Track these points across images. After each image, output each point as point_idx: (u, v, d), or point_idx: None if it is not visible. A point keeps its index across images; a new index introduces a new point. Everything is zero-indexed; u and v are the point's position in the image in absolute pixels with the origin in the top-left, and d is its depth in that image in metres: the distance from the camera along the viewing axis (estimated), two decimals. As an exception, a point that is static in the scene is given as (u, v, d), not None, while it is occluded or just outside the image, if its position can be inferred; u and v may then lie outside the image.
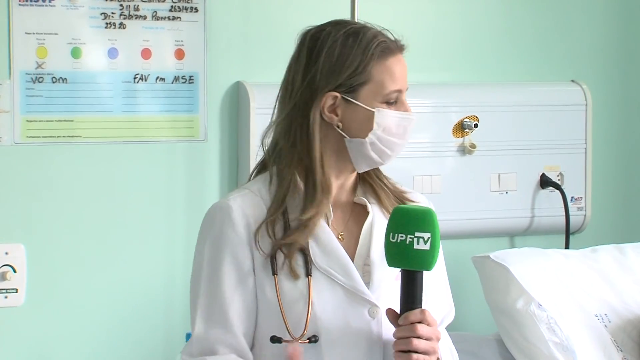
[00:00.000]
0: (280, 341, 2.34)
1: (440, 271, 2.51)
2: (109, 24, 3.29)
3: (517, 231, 3.73)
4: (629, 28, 3.92)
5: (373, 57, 2.38)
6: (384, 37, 2.42)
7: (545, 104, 3.74)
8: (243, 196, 2.42)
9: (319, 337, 2.35)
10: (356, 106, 2.38)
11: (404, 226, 2.30)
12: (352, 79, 2.38)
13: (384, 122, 2.38)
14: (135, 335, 3.32)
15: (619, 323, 3.18)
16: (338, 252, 2.38)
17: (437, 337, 2.32)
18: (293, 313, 2.36)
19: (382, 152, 2.39)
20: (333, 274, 2.37)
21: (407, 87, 2.42)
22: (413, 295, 2.30)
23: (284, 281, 2.37)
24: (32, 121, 3.23)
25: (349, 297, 2.37)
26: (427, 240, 2.28)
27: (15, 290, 3.21)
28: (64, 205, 3.27)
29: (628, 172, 3.93)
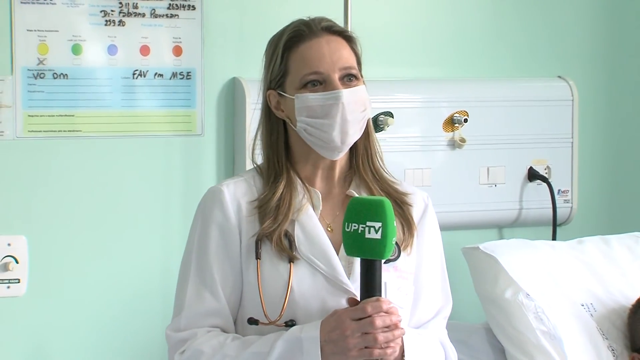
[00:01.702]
0: (257, 323, 2.36)
1: (435, 264, 2.52)
2: (109, 21, 3.29)
3: (506, 223, 3.74)
4: (615, 25, 3.92)
5: (285, 49, 2.43)
6: (299, 26, 2.43)
7: (533, 99, 3.74)
8: (236, 183, 2.46)
9: (296, 322, 2.36)
10: (286, 98, 2.42)
11: (357, 216, 2.31)
12: (275, 74, 2.45)
13: (305, 105, 2.40)
14: (134, 325, 3.33)
15: (604, 312, 3.17)
16: (322, 241, 2.40)
17: (396, 323, 2.31)
18: (272, 297, 2.37)
19: (319, 136, 2.40)
20: (315, 262, 2.39)
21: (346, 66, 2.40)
22: (371, 284, 2.31)
23: (267, 266, 2.39)
24: (33, 116, 3.24)
25: (329, 285, 2.38)
26: (377, 230, 2.28)
27: (17, 280, 3.21)
28: (64, 197, 3.28)
29: (613, 165, 3.93)
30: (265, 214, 2.39)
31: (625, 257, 3.34)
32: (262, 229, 2.38)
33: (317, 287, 2.36)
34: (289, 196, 2.39)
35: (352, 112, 2.36)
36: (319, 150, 2.39)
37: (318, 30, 2.39)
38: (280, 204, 2.38)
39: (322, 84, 2.37)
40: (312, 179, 2.44)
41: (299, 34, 2.39)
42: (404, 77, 3.58)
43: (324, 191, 2.44)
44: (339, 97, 2.36)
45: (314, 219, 2.40)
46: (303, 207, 2.40)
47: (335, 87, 2.36)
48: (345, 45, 2.41)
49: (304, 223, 2.39)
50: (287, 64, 2.40)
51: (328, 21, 2.42)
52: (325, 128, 2.35)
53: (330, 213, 2.43)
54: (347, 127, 2.36)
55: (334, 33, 2.40)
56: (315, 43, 2.38)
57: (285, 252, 2.36)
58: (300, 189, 2.41)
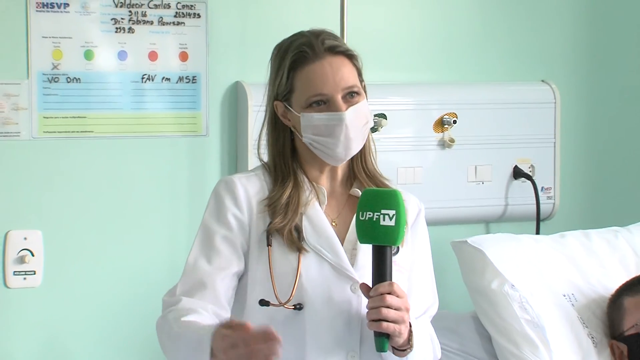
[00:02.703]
0: (268, 304, 2.38)
1: (426, 266, 2.55)
2: (119, 28, 3.29)
3: (492, 218, 3.75)
4: (595, 33, 3.92)
5: (290, 69, 2.42)
6: (301, 47, 2.41)
7: (518, 102, 3.74)
8: (248, 177, 2.48)
9: (303, 306, 2.39)
10: (293, 112, 2.43)
11: (372, 205, 2.33)
12: (281, 89, 2.44)
13: (311, 124, 2.40)
14: (141, 314, 3.31)
15: (585, 302, 3.17)
16: (328, 233, 2.43)
17: (407, 307, 2.33)
18: (282, 282, 2.39)
19: (324, 151, 2.42)
20: (322, 252, 2.42)
21: (349, 86, 2.40)
22: (383, 269, 2.32)
23: (277, 254, 2.41)
24: (48, 117, 3.23)
25: (335, 273, 2.41)
26: (392, 217, 2.31)
27: (33, 272, 3.21)
28: (77, 194, 3.27)
29: (593, 164, 3.93)
30: (275, 211, 2.41)
31: (604, 250, 3.33)
32: (273, 224, 2.40)
33: (324, 274, 2.40)
34: (297, 195, 2.42)
35: (354, 129, 2.39)
36: (323, 158, 2.42)
37: (321, 52, 2.39)
38: (290, 201, 2.41)
39: (326, 103, 2.38)
40: (317, 178, 2.47)
41: (304, 56, 2.39)
42: (396, 81, 3.59)
43: (329, 189, 2.47)
44: (342, 119, 2.38)
45: (320, 212, 2.43)
46: (310, 202, 2.43)
47: (338, 108, 2.37)
48: (347, 62, 2.42)
49: (311, 216, 2.42)
50: (292, 82, 2.41)
51: (330, 39, 2.42)
52: (330, 145, 2.39)
53: (335, 209, 2.47)
54: (350, 144, 2.40)
55: (336, 53, 2.41)
56: (318, 66, 2.39)
57: (295, 244, 2.39)
58: (307, 187, 2.44)
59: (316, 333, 2.39)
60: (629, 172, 3.99)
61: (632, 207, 3.90)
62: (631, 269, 3.27)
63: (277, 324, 2.34)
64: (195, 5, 3.37)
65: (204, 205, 2.85)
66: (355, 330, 2.41)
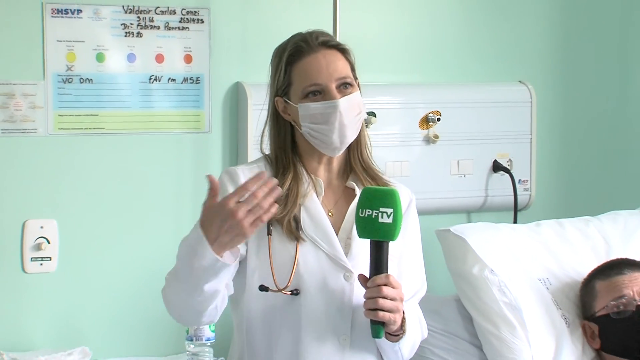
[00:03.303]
0: (267, 290, 2.39)
1: (416, 252, 2.56)
2: (128, 33, 3.29)
3: (473, 208, 3.75)
4: (568, 38, 3.92)
5: (288, 64, 2.43)
6: (298, 43, 2.43)
7: (497, 101, 3.74)
8: (251, 168, 2.48)
9: (300, 292, 2.40)
10: (291, 105, 2.43)
11: (371, 203, 2.33)
12: (281, 84, 2.45)
13: (307, 114, 2.41)
14: (149, 296, 3.28)
15: (559, 286, 3.18)
16: (324, 224, 2.43)
17: (401, 297, 2.34)
18: (281, 269, 2.40)
19: (321, 139, 2.42)
20: (318, 242, 2.42)
21: (341, 76, 2.40)
22: (380, 262, 2.34)
23: (277, 243, 2.42)
24: (63, 115, 3.23)
25: (330, 262, 2.42)
26: (389, 215, 2.32)
27: (49, 258, 3.21)
28: (90, 186, 3.27)
29: (567, 159, 3.93)
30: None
31: (577, 238, 3.34)
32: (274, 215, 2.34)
33: (320, 263, 2.41)
34: (296, 186, 2.42)
35: (348, 117, 2.39)
36: (321, 149, 2.42)
37: (315, 46, 2.41)
38: (289, 193, 2.41)
39: (321, 93, 2.39)
40: (315, 170, 2.47)
41: (299, 50, 2.40)
42: (385, 81, 3.59)
43: (326, 181, 2.47)
44: (336, 106, 2.38)
45: (317, 204, 2.44)
46: (308, 193, 2.43)
47: (332, 97, 2.38)
48: (340, 56, 2.42)
49: (309, 207, 2.43)
50: (290, 76, 2.41)
51: (324, 36, 2.43)
52: (325, 132, 2.39)
53: (331, 200, 2.47)
54: (345, 131, 2.39)
55: (329, 47, 2.42)
56: (313, 58, 2.40)
57: (293, 233, 2.40)
58: (305, 179, 2.44)
59: (311, 317, 2.40)
60: (600, 166, 3.99)
61: (602, 198, 3.90)
62: (601, 255, 3.27)
63: (275, 309, 2.39)
64: (198, 12, 3.37)
65: None
66: (347, 316, 2.42)
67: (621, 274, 3.08)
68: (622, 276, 3.07)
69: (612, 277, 3.08)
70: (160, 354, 3.33)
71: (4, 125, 3.17)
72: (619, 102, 4.01)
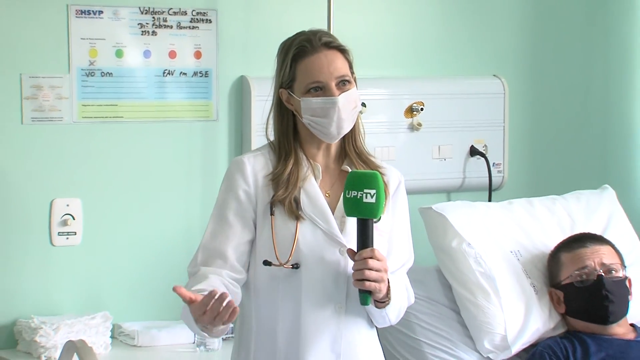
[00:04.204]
0: (270, 264, 2.38)
1: (404, 228, 2.52)
2: (144, 31, 3.29)
3: (453, 189, 3.75)
4: (537, 37, 3.91)
5: (293, 61, 2.40)
6: (302, 42, 2.39)
7: (474, 93, 3.74)
8: (255, 156, 2.46)
9: (300, 265, 2.38)
10: (294, 97, 2.40)
11: (356, 185, 2.33)
12: (286, 78, 2.41)
13: (309, 107, 2.37)
14: (163, 266, 3.31)
15: (528, 257, 3.18)
16: (322, 204, 2.42)
17: (385, 269, 2.34)
18: (282, 246, 2.38)
19: (320, 130, 2.40)
20: (316, 220, 2.40)
21: (340, 74, 2.38)
22: (366, 238, 2.33)
23: (279, 222, 2.40)
24: (86, 105, 3.23)
25: (326, 238, 2.40)
26: (373, 195, 2.31)
27: (74, 233, 3.22)
28: (110, 169, 3.27)
29: (535, 144, 3.93)
30: (278, 184, 2.40)
31: (544, 215, 3.32)
32: (277, 196, 2.39)
33: (317, 239, 2.39)
34: (296, 171, 2.40)
35: (345, 111, 2.38)
36: (320, 136, 2.41)
37: (318, 46, 2.38)
38: (290, 177, 2.39)
39: (322, 89, 2.37)
40: (314, 155, 2.45)
41: (304, 50, 2.38)
42: (373, 75, 3.57)
43: (323, 165, 2.46)
44: (335, 102, 2.36)
45: (316, 186, 2.42)
46: (307, 177, 2.41)
47: (332, 94, 2.36)
48: (340, 56, 2.40)
49: (308, 189, 2.41)
50: (294, 72, 2.39)
51: (326, 37, 2.41)
52: (325, 124, 2.38)
53: (328, 183, 2.45)
54: (342, 123, 2.39)
55: (330, 48, 2.39)
56: (316, 58, 2.38)
57: (294, 213, 2.38)
58: (305, 163, 2.42)
59: (310, 288, 2.38)
60: (565, 151, 3.99)
61: (567, 179, 3.90)
62: (566, 230, 3.27)
63: (277, 281, 2.38)
64: (207, 13, 3.37)
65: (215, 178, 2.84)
66: (342, 287, 2.40)
67: (584, 246, 3.09)
68: (584, 249, 3.08)
69: (576, 250, 3.09)
70: (172, 318, 3.29)
71: (34, 114, 3.17)
72: (582, 94, 4.01)
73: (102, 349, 3.09)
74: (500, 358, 3.06)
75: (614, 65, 4.03)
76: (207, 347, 3.12)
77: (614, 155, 4.04)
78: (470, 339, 3.08)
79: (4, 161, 3.14)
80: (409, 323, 3.07)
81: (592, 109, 4.04)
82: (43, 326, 3.02)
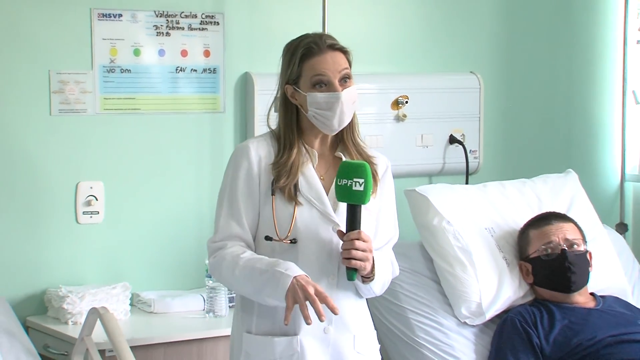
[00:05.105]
0: (271, 239, 2.39)
1: (390, 208, 2.52)
2: (159, 32, 3.29)
3: (434, 173, 3.75)
4: (509, 38, 3.90)
5: (300, 59, 2.38)
6: (309, 44, 2.38)
7: (453, 87, 3.74)
8: (259, 141, 2.46)
9: (297, 241, 2.39)
10: (300, 93, 2.40)
11: (346, 174, 2.34)
12: (293, 76, 2.41)
13: (314, 101, 2.37)
14: (175, 242, 3.33)
15: (501, 233, 3.17)
16: (317, 187, 2.43)
17: (370, 249, 2.35)
18: (282, 223, 2.39)
19: (323, 122, 2.39)
20: (312, 201, 2.41)
21: (343, 72, 2.38)
22: (354, 221, 2.34)
23: (279, 203, 2.40)
24: (107, 99, 3.23)
25: (321, 217, 2.41)
26: (361, 184, 2.32)
27: (97, 212, 3.22)
28: (129, 155, 3.27)
29: (507, 133, 3.93)
30: (280, 173, 2.39)
31: (515, 196, 3.30)
32: (279, 184, 2.38)
33: (313, 218, 2.40)
34: (298, 159, 2.41)
35: (346, 105, 2.39)
36: (321, 129, 2.41)
37: (324, 48, 2.38)
38: (292, 166, 2.39)
39: (326, 85, 2.37)
40: (312, 143, 2.46)
41: (311, 50, 2.38)
42: (363, 71, 3.48)
43: (320, 152, 2.46)
44: (338, 97, 2.37)
45: (312, 171, 2.43)
46: (306, 162, 2.42)
47: (335, 89, 2.37)
48: (342, 57, 2.41)
49: (306, 174, 2.42)
50: (301, 70, 2.39)
51: (331, 40, 2.42)
52: (328, 117, 2.38)
53: (323, 167, 2.46)
54: (343, 117, 2.40)
55: (335, 49, 2.40)
56: (322, 58, 2.38)
57: (293, 199, 2.38)
58: (304, 151, 2.43)
59: (306, 261, 2.39)
60: (534, 139, 3.99)
61: (535, 164, 3.89)
62: (534, 209, 3.26)
63: (277, 254, 2.38)
64: (215, 16, 3.37)
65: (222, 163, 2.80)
66: (335, 260, 2.41)
67: (549, 224, 3.08)
68: (550, 226, 3.07)
69: (542, 227, 3.08)
70: (185, 288, 3.33)
71: (61, 106, 3.17)
72: (549, 89, 4.01)
73: (122, 315, 3.10)
74: (476, 323, 3.07)
75: (577, 63, 4.03)
76: (215, 314, 3.13)
77: (577, 143, 4.04)
78: (449, 306, 3.08)
79: (35, 148, 3.14)
80: (395, 292, 3.06)
81: (557, 102, 4.03)
82: (70, 295, 3.03)
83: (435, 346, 3.00)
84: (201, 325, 3.05)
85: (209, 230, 2.57)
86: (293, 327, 2.38)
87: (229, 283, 2.43)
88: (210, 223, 2.57)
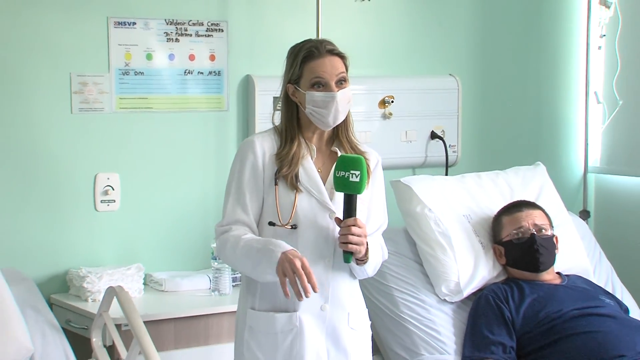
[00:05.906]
0: (274, 225, 2.40)
1: (380, 197, 2.52)
2: (169, 38, 3.29)
3: (417, 165, 3.75)
4: (484, 44, 3.90)
5: (302, 62, 2.38)
6: (311, 48, 2.38)
7: (434, 88, 3.73)
8: (263, 137, 2.46)
9: (297, 226, 2.39)
10: (300, 92, 2.40)
11: (344, 167, 2.34)
12: (294, 76, 2.40)
13: (312, 100, 2.37)
14: (183, 228, 3.32)
15: (477, 220, 3.17)
16: (316, 178, 2.43)
17: (365, 234, 2.35)
18: (284, 210, 2.39)
19: (319, 118, 2.39)
20: (311, 190, 2.42)
21: (340, 75, 2.37)
22: (350, 209, 2.35)
23: (282, 192, 2.40)
24: (123, 98, 3.23)
25: (319, 205, 2.41)
26: (357, 176, 2.33)
27: (113, 201, 3.22)
28: (142, 150, 3.27)
29: (483, 130, 3.92)
30: (282, 163, 2.39)
31: (490, 186, 3.30)
32: (282, 172, 2.38)
33: (312, 205, 2.41)
34: (298, 152, 2.41)
35: (341, 105, 2.40)
36: (318, 124, 2.43)
37: (324, 52, 2.39)
38: (293, 157, 2.40)
39: (324, 86, 2.38)
40: (310, 138, 2.46)
41: (312, 54, 2.39)
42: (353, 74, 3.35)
43: (317, 146, 2.47)
44: (334, 97, 2.37)
45: (311, 163, 2.43)
46: (305, 156, 2.43)
47: (332, 90, 2.37)
48: (340, 61, 2.41)
49: (305, 166, 2.42)
50: (302, 71, 2.39)
51: (330, 45, 2.42)
52: (324, 114, 2.39)
53: (321, 160, 2.47)
54: (338, 115, 2.40)
55: (333, 54, 2.40)
56: (321, 61, 2.38)
57: (294, 187, 2.39)
58: (303, 145, 2.44)
59: (305, 245, 2.39)
60: (507, 135, 3.98)
61: (507, 157, 3.87)
62: (507, 198, 3.26)
63: (279, 238, 2.38)
64: (220, 24, 3.36)
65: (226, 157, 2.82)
66: (331, 245, 2.41)
67: (520, 211, 3.09)
68: (521, 213, 3.08)
69: (514, 214, 3.10)
70: (193, 269, 3.33)
71: (81, 105, 3.17)
72: (520, 90, 4.01)
73: (136, 293, 3.10)
74: (454, 300, 3.07)
75: (545, 67, 4.04)
76: (220, 292, 3.12)
77: (545, 138, 4.04)
78: (430, 285, 3.09)
79: (57, 144, 3.14)
80: (382, 273, 3.06)
81: (527, 102, 4.03)
82: (89, 275, 3.04)
83: (418, 321, 3.01)
84: (207, 302, 3.05)
85: (214, 217, 2.55)
86: (292, 305, 2.39)
87: (232, 262, 2.43)
88: (215, 211, 2.59)
